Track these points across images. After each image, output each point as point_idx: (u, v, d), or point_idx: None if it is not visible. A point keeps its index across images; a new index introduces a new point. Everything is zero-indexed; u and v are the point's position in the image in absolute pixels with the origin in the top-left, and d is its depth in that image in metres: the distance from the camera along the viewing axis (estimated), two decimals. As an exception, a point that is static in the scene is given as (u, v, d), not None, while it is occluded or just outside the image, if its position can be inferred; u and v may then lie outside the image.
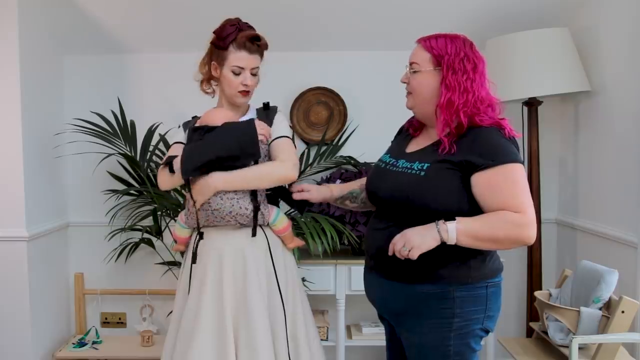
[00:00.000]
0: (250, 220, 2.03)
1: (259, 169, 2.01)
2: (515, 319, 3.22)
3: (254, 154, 1.98)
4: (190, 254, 2.11)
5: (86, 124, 2.95)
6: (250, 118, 2.09)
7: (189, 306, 2.04)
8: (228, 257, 2.03)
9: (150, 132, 3.05)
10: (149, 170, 2.99)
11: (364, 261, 1.90)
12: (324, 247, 2.60)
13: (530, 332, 2.87)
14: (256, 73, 2.09)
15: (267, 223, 2.08)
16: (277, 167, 2.03)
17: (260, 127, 2.03)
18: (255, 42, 2.05)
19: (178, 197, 2.92)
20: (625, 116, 2.52)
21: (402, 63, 1.82)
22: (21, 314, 2.80)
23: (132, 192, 3.03)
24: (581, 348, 2.24)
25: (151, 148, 3.01)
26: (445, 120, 1.70)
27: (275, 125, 2.12)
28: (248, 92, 2.10)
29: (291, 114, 3.15)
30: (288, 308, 2.08)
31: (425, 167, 1.69)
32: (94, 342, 3.10)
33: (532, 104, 2.90)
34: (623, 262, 2.46)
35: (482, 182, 1.63)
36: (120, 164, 3.12)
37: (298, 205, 2.11)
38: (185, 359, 1.97)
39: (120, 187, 3.11)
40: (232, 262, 2.03)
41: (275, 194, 2.14)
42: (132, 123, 3.06)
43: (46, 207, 3.00)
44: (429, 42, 1.75)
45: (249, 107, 2.21)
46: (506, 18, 2.92)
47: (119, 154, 2.99)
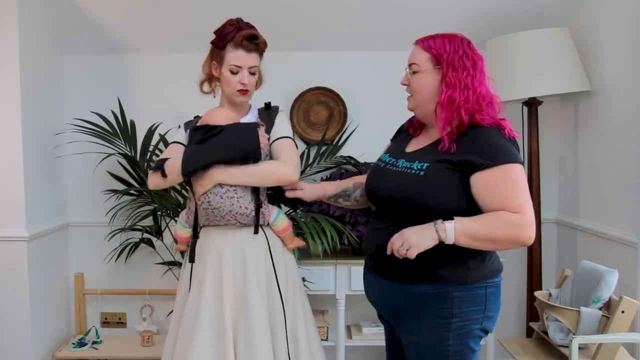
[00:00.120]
0: (251, 220, 2.03)
1: (260, 166, 2.00)
2: (515, 319, 3.22)
3: (255, 160, 1.99)
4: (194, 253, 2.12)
5: (86, 124, 2.95)
6: (253, 122, 2.08)
7: (189, 305, 2.04)
8: (228, 256, 2.03)
9: (150, 132, 3.05)
10: (149, 170, 2.98)
11: (364, 261, 1.90)
12: (324, 247, 2.60)
13: (530, 332, 2.87)
14: (255, 72, 2.09)
15: (267, 223, 2.08)
16: (278, 167, 2.02)
17: (260, 135, 2.03)
18: (252, 41, 2.04)
19: (178, 197, 2.92)
20: (625, 116, 2.52)
21: (402, 63, 1.82)
22: (21, 314, 2.80)
23: (132, 192, 3.03)
24: (581, 348, 2.23)
25: (151, 148, 3.01)
26: (447, 117, 1.70)
27: (277, 126, 2.12)
28: (246, 90, 2.09)
29: (291, 114, 3.15)
30: (288, 308, 2.08)
31: (424, 167, 1.69)
32: (94, 342, 3.10)
33: (532, 104, 2.90)
34: (623, 262, 2.46)
35: (482, 182, 1.63)
36: (120, 164, 3.12)
37: (291, 203, 2.10)
38: (185, 358, 1.97)
39: (120, 187, 3.11)
40: (232, 262, 2.03)
41: (270, 191, 2.14)
42: (132, 123, 3.06)
43: (46, 207, 3.00)
44: (426, 42, 1.75)
45: (251, 107, 2.20)
46: (506, 18, 2.92)
47: (119, 154, 2.99)
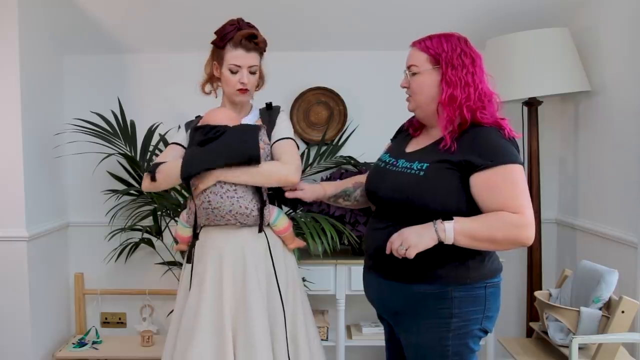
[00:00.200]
0: (251, 220, 2.03)
1: (261, 167, 2.00)
2: (515, 319, 3.22)
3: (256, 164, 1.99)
4: (192, 254, 2.12)
5: (86, 124, 2.95)
6: (254, 124, 2.07)
7: (189, 304, 2.04)
8: (228, 256, 2.03)
9: (150, 132, 3.05)
10: (152, 164, 2.98)
11: (363, 261, 1.90)
12: (324, 247, 2.59)
13: (530, 332, 2.87)
14: (255, 71, 2.08)
15: (267, 223, 2.08)
16: (280, 168, 2.01)
17: (261, 138, 2.03)
18: (252, 40, 2.04)
19: (178, 197, 2.92)
20: (625, 116, 2.52)
21: (402, 63, 1.81)
22: (21, 314, 2.80)
23: (132, 192, 3.03)
24: (581, 348, 2.23)
25: (151, 148, 3.01)
26: (449, 116, 1.69)
27: (278, 126, 2.11)
28: (246, 90, 2.08)
29: (291, 114, 3.15)
30: (288, 308, 2.07)
31: (424, 167, 1.69)
32: (94, 342, 3.10)
33: (532, 104, 2.90)
34: (623, 262, 2.46)
35: (481, 183, 1.63)
36: (120, 164, 3.12)
37: (291, 203, 2.10)
38: (184, 358, 1.97)
39: (120, 187, 3.11)
40: (232, 262, 2.03)
41: (271, 191, 2.13)
42: (132, 123, 3.06)
43: (46, 207, 3.00)
44: (423, 43, 1.75)
45: (252, 107, 2.20)
46: (506, 18, 2.92)
47: (119, 154, 2.99)
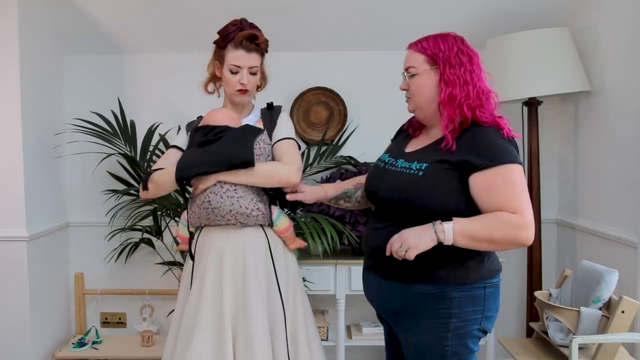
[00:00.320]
0: (252, 220, 2.03)
1: (262, 167, 2.00)
2: (515, 319, 3.22)
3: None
4: (193, 254, 2.12)
5: (86, 124, 2.95)
6: (253, 127, 2.07)
7: (189, 304, 2.04)
8: (228, 256, 2.03)
9: (150, 132, 3.05)
10: (148, 170, 2.99)
11: (363, 261, 1.90)
12: (324, 247, 2.60)
13: (530, 332, 2.87)
14: (255, 72, 2.08)
15: (268, 223, 2.08)
16: (280, 169, 2.01)
17: (262, 139, 2.04)
18: (253, 41, 2.03)
19: (178, 197, 2.92)
20: (625, 116, 2.52)
21: (402, 63, 1.81)
22: (21, 314, 2.80)
23: (132, 192, 3.03)
24: (581, 348, 2.23)
25: (151, 148, 3.01)
26: (449, 115, 1.69)
27: (279, 127, 2.10)
28: (246, 90, 2.08)
29: (291, 114, 3.15)
30: (288, 308, 2.07)
31: (423, 167, 1.69)
32: (94, 342, 3.10)
33: (532, 104, 2.90)
34: (623, 262, 2.46)
35: (480, 183, 1.63)
36: (120, 164, 3.12)
37: (291, 205, 2.10)
38: (184, 357, 1.97)
39: (120, 187, 3.11)
40: (233, 262, 2.03)
41: (271, 192, 2.13)
42: (132, 123, 3.06)
43: (46, 207, 3.00)
44: (420, 44, 1.75)
45: (253, 107, 2.20)
46: (506, 18, 2.92)
47: (119, 154, 2.99)
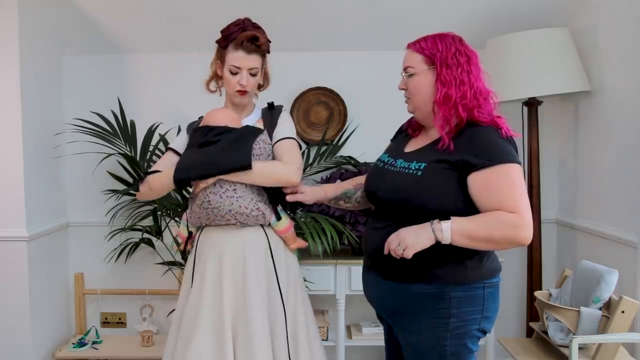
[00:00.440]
0: (252, 220, 2.03)
1: (262, 166, 2.00)
2: (515, 319, 3.22)
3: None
4: (194, 254, 2.13)
5: (86, 124, 2.95)
6: (252, 127, 2.07)
7: (190, 304, 2.04)
8: (228, 256, 2.03)
9: (150, 132, 3.05)
10: (146, 171, 2.99)
11: (363, 261, 1.90)
12: (324, 247, 2.60)
13: (530, 332, 2.87)
14: (255, 73, 2.07)
15: (268, 223, 2.08)
16: (280, 168, 2.01)
17: (262, 140, 2.05)
18: (253, 42, 2.02)
19: (178, 197, 2.92)
20: (625, 116, 2.52)
21: (402, 63, 1.82)
22: (21, 314, 2.80)
23: (132, 192, 3.02)
24: (581, 348, 2.23)
25: (151, 148, 3.01)
26: (444, 116, 1.69)
27: (279, 126, 2.10)
28: (245, 92, 2.07)
29: (291, 114, 3.14)
30: (289, 308, 2.07)
31: (422, 167, 1.69)
32: (94, 342, 3.10)
33: (532, 104, 2.90)
34: (623, 262, 2.46)
35: (478, 182, 1.63)
36: (120, 164, 3.12)
37: (290, 206, 2.10)
38: (184, 357, 1.97)
39: (120, 187, 3.11)
40: (233, 262, 2.03)
41: (272, 191, 2.14)
42: (132, 123, 3.06)
43: (46, 207, 3.00)
44: (418, 44, 1.76)
45: (255, 106, 2.19)
46: (506, 18, 2.92)
47: (119, 154, 2.99)
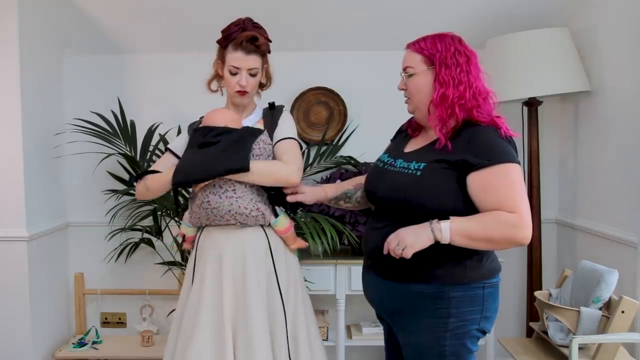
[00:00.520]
0: (251, 220, 2.02)
1: (262, 166, 2.00)
2: (515, 319, 3.22)
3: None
4: (194, 254, 2.13)
5: (86, 124, 2.95)
6: (252, 130, 2.06)
7: (190, 304, 2.04)
8: (228, 256, 2.03)
9: (150, 132, 3.05)
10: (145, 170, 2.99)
11: (363, 261, 1.90)
12: (324, 247, 2.59)
13: (530, 332, 2.87)
14: (255, 74, 2.06)
15: (268, 223, 2.08)
16: (280, 168, 2.01)
17: (262, 140, 2.05)
18: (252, 43, 2.02)
19: (178, 197, 2.91)
20: (625, 116, 2.52)
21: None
22: (21, 314, 2.80)
23: (132, 192, 3.02)
24: (581, 348, 2.23)
25: (151, 148, 3.01)
26: (440, 116, 1.70)
27: (280, 127, 2.10)
28: (245, 92, 2.07)
29: (291, 114, 3.14)
30: (289, 308, 2.07)
31: (421, 167, 1.69)
32: (94, 342, 3.10)
33: (532, 104, 2.90)
34: (623, 262, 2.46)
35: (478, 182, 1.63)
36: (120, 164, 3.12)
37: (291, 207, 2.09)
38: (184, 357, 1.97)
39: (120, 187, 3.11)
40: (232, 262, 2.03)
41: (272, 192, 2.13)
42: (132, 123, 3.06)
43: (46, 207, 3.00)
44: (417, 44, 1.76)
45: (256, 106, 2.19)
46: (506, 18, 2.92)
47: (119, 154, 2.99)
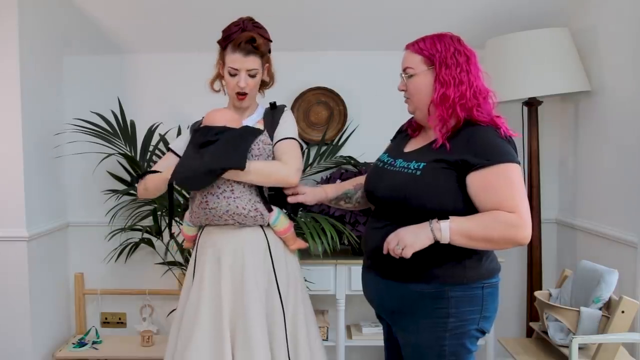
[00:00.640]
0: (249, 220, 2.02)
1: (260, 165, 1.99)
2: (515, 319, 3.22)
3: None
4: (194, 254, 2.13)
5: (86, 124, 2.95)
6: (251, 130, 2.06)
7: (190, 303, 2.05)
8: (227, 256, 2.03)
9: (150, 132, 3.05)
10: (147, 170, 2.98)
11: (362, 260, 1.90)
12: (324, 247, 2.60)
13: (530, 332, 2.87)
14: (255, 74, 2.06)
15: (267, 223, 2.08)
16: (279, 168, 2.01)
17: (262, 140, 2.04)
18: (250, 44, 2.01)
19: (178, 197, 2.92)
20: (625, 116, 2.52)
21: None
22: (21, 314, 2.80)
23: (132, 192, 3.03)
24: (581, 348, 2.23)
25: (151, 148, 3.01)
26: (441, 115, 1.70)
27: (281, 127, 2.10)
28: (245, 94, 2.07)
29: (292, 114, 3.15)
30: (288, 308, 2.07)
31: (421, 167, 1.69)
32: (94, 342, 3.10)
33: (532, 104, 2.90)
34: (623, 262, 2.46)
35: (477, 182, 1.63)
36: (120, 164, 3.12)
37: (292, 208, 2.09)
38: (183, 357, 1.97)
39: (120, 187, 3.11)
40: (231, 262, 2.03)
41: (272, 192, 2.13)
42: (132, 123, 3.06)
43: (46, 207, 3.00)
44: (417, 45, 1.76)
45: (258, 106, 2.19)
46: (506, 18, 2.92)
47: (119, 154, 2.99)
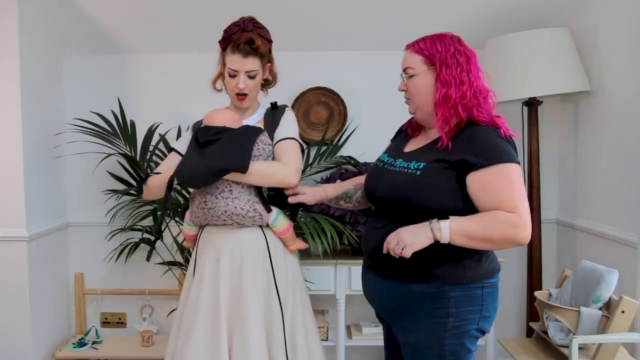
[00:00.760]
0: (248, 220, 2.02)
1: (260, 165, 1.99)
2: (515, 319, 3.22)
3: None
4: (195, 254, 2.13)
5: (86, 124, 2.95)
6: (251, 130, 2.05)
7: (189, 303, 2.05)
8: (225, 256, 2.03)
9: (150, 132, 3.05)
10: (148, 170, 2.99)
11: (362, 260, 1.90)
12: (324, 247, 2.60)
13: (530, 332, 2.87)
14: (254, 75, 2.05)
15: (266, 224, 2.07)
16: (279, 169, 2.00)
17: (262, 140, 2.04)
18: (249, 46, 2.00)
19: (178, 197, 2.92)
20: (625, 116, 2.52)
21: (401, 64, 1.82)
22: (21, 314, 2.80)
23: (132, 192, 3.03)
24: (581, 348, 2.23)
25: (151, 148, 3.01)
26: (444, 116, 1.70)
27: (281, 127, 2.09)
28: (244, 97, 2.07)
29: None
30: (287, 309, 2.06)
31: (421, 167, 1.69)
32: (94, 342, 3.10)
33: (532, 104, 2.90)
34: (623, 262, 2.46)
35: (477, 182, 1.63)
36: (120, 164, 3.12)
37: (292, 208, 2.09)
38: (182, 356, 1.98)
39: (120, 187, 3.11)
40: (229, 262, 2.03)
41: (272, 192, 2.12)
42: (132, 123, 3.06)
43: (46, 207, 3.00)
44: (417, 45, 1.76)
45: (259, 106, 2.18)
46: (506, 18, 2.92)
47: (119, 154, 2.99)
